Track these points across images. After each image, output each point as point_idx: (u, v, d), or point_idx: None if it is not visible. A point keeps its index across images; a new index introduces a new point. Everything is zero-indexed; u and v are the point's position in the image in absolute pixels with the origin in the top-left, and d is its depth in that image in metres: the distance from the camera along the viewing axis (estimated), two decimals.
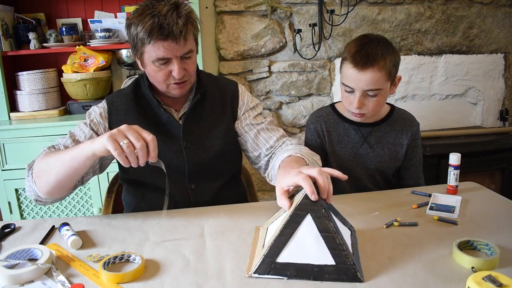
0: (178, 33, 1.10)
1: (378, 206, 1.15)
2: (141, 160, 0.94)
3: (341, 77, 1.36)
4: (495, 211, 1.11)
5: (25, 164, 1.15)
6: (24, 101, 2.17)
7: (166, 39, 1.10)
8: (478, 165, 2.36)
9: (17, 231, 1.07)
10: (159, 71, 1.16)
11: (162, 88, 1.22)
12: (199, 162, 1.26)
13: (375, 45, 1.28)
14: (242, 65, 2.43)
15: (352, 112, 1.36)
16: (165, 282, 0.82)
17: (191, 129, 1.26)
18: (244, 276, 0.83)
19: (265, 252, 0.83)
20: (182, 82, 1.19)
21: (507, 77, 2.70)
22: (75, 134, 1.21)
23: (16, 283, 0.82)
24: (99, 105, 1.28)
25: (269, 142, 1.28)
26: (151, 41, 1.11)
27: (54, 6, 2.35)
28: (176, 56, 1.14)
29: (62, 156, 1.04)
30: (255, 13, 2.40)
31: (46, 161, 1.07)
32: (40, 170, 1.07)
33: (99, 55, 2.21)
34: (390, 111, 1.46)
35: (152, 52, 1.13)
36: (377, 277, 0.81)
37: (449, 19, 2.54)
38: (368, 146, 1.43)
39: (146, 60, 1.17)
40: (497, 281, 0.71)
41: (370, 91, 1.29)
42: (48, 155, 1.08)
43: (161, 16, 1.09)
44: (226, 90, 1.34)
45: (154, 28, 1.09)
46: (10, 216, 2.12)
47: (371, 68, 1.26)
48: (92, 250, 0.95)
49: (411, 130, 1.44)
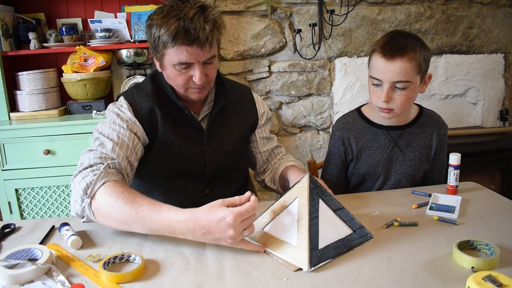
0: (205, 39, 1.06)
1: (378, 206, 1.15)
2: None
3: (369, 71, 1.32)
4: (495, 211, 1.11)
5: (25, 164, 1.12)
6: (24, 101, 2.17)
7: (192, 44, 1.06)
8: (478, 165, 2.36)
9: (17, 231, 1.07)
10: (180, 75, 1.13)
11: (181, 92, 1.19)
12: (218, 168, 1.27)
13: (405, 38, 1.25)
14: (242, 65, 2.43)
15: (379, 107, 1.30)
16: (165, 282, 0.82)
17: (213, 134, 1.26)
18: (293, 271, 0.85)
19: (308, 245, 0.87)
20: (202, 87, 1.16)
21: (507, 77, 2.70)
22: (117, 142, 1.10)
23: (16, 283, 0.82)
24: (118, 104, 1.21)
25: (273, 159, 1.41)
26: (175, 45, 1.07)
27: (54, 6, 2.35)
28: (199, 62, 1.11)
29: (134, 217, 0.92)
30: (255, 13, 2.40)
31: (113, 206, 0.94)
32: (104, 211, 0.96)
33: (99, 55, 2.21)
34: (419, 112, 1.42)
35: (174, 56, 1.09)
36: (377, 277, 0.81)
37: (449, 19, 2.54)
38: (398, 150, 1.38)
39: (166, 63, 1.13)
40: (497, 281, 0.71)
41: (398, 83, 1.24)
42: (115, 198, 0.94)
43: (187, 20, 1.04)
44: (243, 96, 1.35)
45: (180, 32, 1.05)
46: (10, 216, 2.12)
47: (400, 58, 1.22)
48: (92, 250, 0.95)
49: (440, 132, 1.41)
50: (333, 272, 0.84)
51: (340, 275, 0.83)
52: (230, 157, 1.29)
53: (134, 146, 1.14)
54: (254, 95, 1.38)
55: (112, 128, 1.14)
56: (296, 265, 0.86)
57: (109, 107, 1.23)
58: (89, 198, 0.97)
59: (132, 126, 1.16)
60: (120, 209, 0.93)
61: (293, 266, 0.86)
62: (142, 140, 1.18)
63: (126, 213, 0.92)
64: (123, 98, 1.22)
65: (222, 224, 0.84)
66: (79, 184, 0.99)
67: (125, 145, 1.12)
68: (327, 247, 0.89)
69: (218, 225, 0.85)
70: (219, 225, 0.85)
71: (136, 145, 1.15)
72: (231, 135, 1.29)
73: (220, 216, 0.85)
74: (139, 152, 1.17)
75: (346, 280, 0.81)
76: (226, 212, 0.85)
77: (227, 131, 1.28)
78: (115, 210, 0.93)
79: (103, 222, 0.98)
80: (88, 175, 0.99)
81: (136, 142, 1.15)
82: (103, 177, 0.99)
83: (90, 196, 0.97)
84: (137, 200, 0.93)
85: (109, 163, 1.04)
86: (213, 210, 0.86)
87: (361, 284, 0.80)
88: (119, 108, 1.19)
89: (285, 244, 0.91)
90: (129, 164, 1.11)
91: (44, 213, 2.16)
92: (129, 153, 1.12)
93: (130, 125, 1.16)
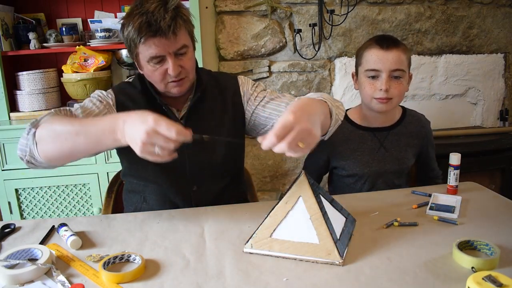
0: (167, 28, 1.07)
1: (378, 206, 1.15)
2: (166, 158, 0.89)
3: (362, 66, 1.40)
4: (495, 211, 1.11)
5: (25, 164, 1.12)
6: (24, 101, 2.17)
7: (155, 35, 1.08)
8: (478, 165, 2.36)
9: (17, 231, 1.07)
10: (155, 71, 1.14)
11: (161, 88, 1.19)
12: (201, 164, 1.25)
13: (393, 36, 1.40)
14: (242, 65, 2.43)
15: (377, 98, 1.36)
16: (165, 282, 0.82)
17: (192, 130, 1.24)
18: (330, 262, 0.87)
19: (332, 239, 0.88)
20: (180, 79, 1.16)
21: (507, 77, 2.70)
22: (87, 107, 1.16)
23: (16, 283, 0.82)
24: (104, 92, 1.24)
25: (280, 111, 1.23)
26: (141, 39, 1.09)
27: (54, 6, 2.34)
28: (170, 53, 1.12)
29: (77, 127, 0.96)
30: (255, 13, 2.40)
31: (57, 125, 0.99)
32: (47, 134, 0.99)
33: (99, 55, 2.21)
34: (403, 113, 1.50)
35: (145, 51, 1.11)
36: (377, 277, 0.81)
37: (449, 19, 2.54)
38: (384, 150, 1.45)
39: (141, 61, 1.16)
40: (497, 281, 0.71)
41: (395, 72, 1.33)
42: (60, 120, 1.01)
43: (149, 13, 1.07)
44: (227, 87, 1.30)
45: (143, 26, 1.07)
46: (10, 216, 2.12)
47: (396, 48, 1.33)
48: (92, 250, 0.95)
49: (424, 130, 1.50)
50: (333, 272, 0.84)
51: (340, 275, 0.83)
52: (216, 153, 1.26)
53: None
54: (238, 80, 1.32)
55: (91, 101, 1.18)
56: (327, 261, 0.87)
57: (95, 91, 1.24)
58: (34, 128, 1.00)
59: (107, 105, 1.19)
60: (62, 124, 0.98)
61: (325, 262, 0.87)
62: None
63: (69, 124, 0.97)
64: (111, 90, 1.25)
65: (142, 123, 0.85)
66: (28, 124, 1.03)
67: (89, 111, 1.14)
68: (341, 236, 0.93)
69: (139, 123, 0.86)
70: (140, 124, 0.86)
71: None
72: (214, 130, 1.25)
73: (147, 116, 0.86)
74: None
75: (346, 280, 0.81)
76: (152, 117, 0.86)
77: (209, 126, 1.25)
78: (57, 126, 0.98)
79: (46, 149, 0.99)
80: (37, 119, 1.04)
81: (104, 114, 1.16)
82: (52, 114, 1.05)
83: (35, 126, 1.00)
84: (80, 118, 1.04)
85: (61, 108, 1.10)
86: (147, 113, 0.88)
87: (361, 284, 0.80)
88: (101, 91, 1.23)
89: (305, 245, 0.89)
90: None
91: (44, 213, 2.16)
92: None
93: (106, 104, 1.19)
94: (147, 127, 0.85)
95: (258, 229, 0.94)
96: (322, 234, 0.89)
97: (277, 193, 2.59)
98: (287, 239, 0.92)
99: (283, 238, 0.92)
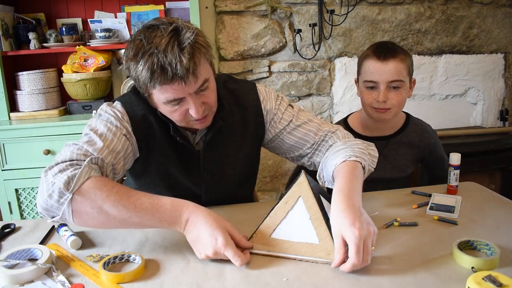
0: (185, 72, 0.91)
1: (378, 206, 1.15)
2: None
3: (361, 76, 1.39)
4: (495, 211, 1.11)
5: (25, 164, 1.08)
6: (24, 101, 2.17)
7: (172, 81, 0.92)
8: (478, 165, 2.36)
9: (17, 231, 1.07)
10: (174, 112, 0.99)
11: (182, 125, 1.06)
12: (217, 192, 1.19)
13: (392, 44, 1.37)
14: (242, 65, 2.43)
15: (375, 108, 1.35)
16: (165, 282, 0.82)
17: (211, 157, 1.14)
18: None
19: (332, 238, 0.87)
20: (203, 117, 1.02)
21: (507, 77, 2.70)
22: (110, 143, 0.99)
23: (16, 283, 0.82)
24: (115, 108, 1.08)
25: (308, 141, 1.16)
26: (155, 85, 0.94)
27: (54, 6, 2.34)
28: (190, 94, 0.96)
29: (133, 217, 0.87)
30: (255, 13, 2.40)
31: (108, 206, 0.86)
32: (94, 213, 0.86)
33: (99, 55, 2.21)
34: (406, 121, 1.47)
35: (160, 95, 0.96)
36: (377, 277, 0.81)
37: (449, 19, 2.54)
38: (383, 158, 1.42)
39: (156, 102, 1.01)
40: (497, 281, 0.71)
41: (393, 82, 1.32)
42: (107, 198, 0.86)
43: (160, 54, 0.90)
44: (247, 105, 1.17)
45: (155, 71, 0.91)
46: (10, 216, 2.12)
47: (393, 59, 1.31)
48: (92, 250, 0.95)
49: (426, 141, 1.46)
50: (333, 271, 0.84)
51: (340, 275, 0.82)
52: (233, 180, 1.20)
53: (126, 156, 1.04)
54: (259, 95, 1.18)
55: (107, 127, 1.02)
56: (327, 261, 0.86)
57: (102, 107, 1.09)
58: (71, 194, 0.85)
59: (128, 134, 1.05)
60: (115, 204, 0.86)
61: (325, 262, 0.87)
62: (133, 151, 1.08)
63: (122, 207, 0.86)
64: (120, 104, 1.09)
65: (211, 238, 0.86)
66: (56, 177, 0.87)
67: (117, 150, 1.00)
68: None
69: (208, 236, 0.86)
70: (209, 237, 0.86)
71: (128, 154, 1.05)
72: (232, 156, 1.17)
73: (217, 235, 0.86)
74: (128, 162, 1.07)
75: (346, 280, 0.81)
76: (222, 238, 0.85)
77: (227, 152, 1.16)
78: (109, 205, 0.86)
79: (84, 220, 0.88)
80: (67, 169, 0.88)
81: (129, 151, 1.05)
82: (87, 171, 0.88)
83: (73, 191, 0.85)
84: (132, 194, 0.89)
85: (93, 157, 0.92)
86: (217, 224, 0.87)
87: (361, 284, 0.79)
88: (115, 113, 1.06)
89: (305, 245, 0.90)
90: (112, 171, 1.00)
91: None
92: (117, 160, 1.00)
93: (127, 132, 1.05)
94: (216, 247, 0.85)
95: (258, 229, 0.94)
96: (322, 234, 0.89)
97: (277, 193, 2.59)
98: (287, 239, 0.92)
99: (283, 238, 0.92)
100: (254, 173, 1.32)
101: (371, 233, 0.84)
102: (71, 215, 0.86)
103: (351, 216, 0.85)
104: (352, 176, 0.99)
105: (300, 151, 1.19)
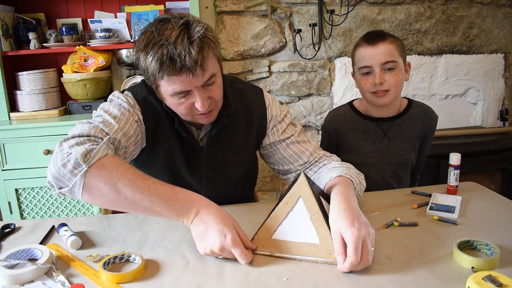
0: (193, 65, 0.93)
1: (378, 206, 1.15)
2: None
3: (355, 65, 1.42)
4: (495, 211, 1.11)
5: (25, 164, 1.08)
6: (24, 101, 2.17)
7: (180, 73, 0.94)
8: (478, 165, 2.36)
9: (17, 231, 1.07)
10: (180, 104, 1.02)
11: (186, 119, 1.08)
12: (217, 189, 1.20)
13: (380, 31, 1.41)
14: (242, 65, 2.43)
15: (374, 92, 1.37)
16: (165, 282, 0.82)
17: (214, 154, 1.16)
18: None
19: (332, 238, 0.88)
20: (209, 111, 1.04)
21: (507, 77, 2.70)
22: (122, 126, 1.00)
23: (16, 283, 0.82)
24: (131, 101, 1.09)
25: (302, 158, 1.18)
26: (164, 76, 0.95)
27: (54, 6, 2.35)
28: (197, 87, 0.98)
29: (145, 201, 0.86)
30: (255, 13, 2.40)
31: (122, 186, 0.86)
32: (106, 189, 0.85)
33: (99, 55, 2.21)
34: (408, 104, 1.49)
35: (167, 86, 0.98)
36: (377, 277, 0.81)
37: (449, 19, 2.54)
38: (388, 140, 1.45)
39: (163, 94, 1.03)
40: (497, 281, 0.71)
41: (387, 64, 1.33)
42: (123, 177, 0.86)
43: (170, 45, 0.92)
44: (252, 107, 1.19)
45: (164, 62, 0.93)
46: (10, 216, 2.12)
47: (382, 42, 1.34)
48: (92, 250, 0.95)
49: (430, 121, 1.48)
50: (333, 271, 0.84)
51: (340, 275, 0.82)
52: (234, 179, 1.21)
53: (136, 142, 1.06)
54: (265, 100, 1.21)
55: (121, 111, 1.02)
56: (327, 261, 0.87)
57: (115, 93, 1.11)
58: (87, 166, 0.84)
59: (139, 121, 1.07)
60: (130, 183, 0.85)
61: (326, 262, 0.87)
62: (142, 140, 1.10)
63: (137, 188, 0.85)
64: (131, 94, 1.10)
65: (219, 235, 0.86)
66: (72, 148, 0.86)
67: (129, 135, 1.01)
68: None
69: (217, 232, 0.86)
70: (217, 233, 0.86)
71: (138, 141, 1.07)
72: (235, 155, 1.18)
73: (227, 232, 0.86)
74: (137, 148, 1.09)
75: (346, 280, 0.81)
76: (231, 235, 0.86)
77: (230, 150, 1.18)
78: (124, 184, 0.85)
79: (93, 196, 0.86)
80: (85, 143, 0.88)
81: (139, 138, 1.07)
82: (105, 148, 0.88)
83: (90, 163, 0.84)
84: (148, 178, 0.89)
85: (111, 137, 0.93)
86: (227, 221, 0.88)
87: (361, 284, 0.79)
88: (127, 99, 1.07)
89: (305, 245, 0.90)
90: (124, 155, 1.01)
91: (44, 213, 2.16)
92: (129, 144, 1.02)
93: (138, 119, 1.06)
94: (225, 244, 0.85)
95: (259, 230, 0.94)
96: (322, 234, 0.89)
97: (277, 193, 2.60)
98: (288, 239, 0.92)
99: (284, 238, 0.92)
100: (254, 174, 1.34)
101: (370, 233, 0.85)
102: (81, 189, 0.85)
103: (350, 217, 0.86)
104: (348, 187, 1.01)
105: (290, 166, 1.21)
